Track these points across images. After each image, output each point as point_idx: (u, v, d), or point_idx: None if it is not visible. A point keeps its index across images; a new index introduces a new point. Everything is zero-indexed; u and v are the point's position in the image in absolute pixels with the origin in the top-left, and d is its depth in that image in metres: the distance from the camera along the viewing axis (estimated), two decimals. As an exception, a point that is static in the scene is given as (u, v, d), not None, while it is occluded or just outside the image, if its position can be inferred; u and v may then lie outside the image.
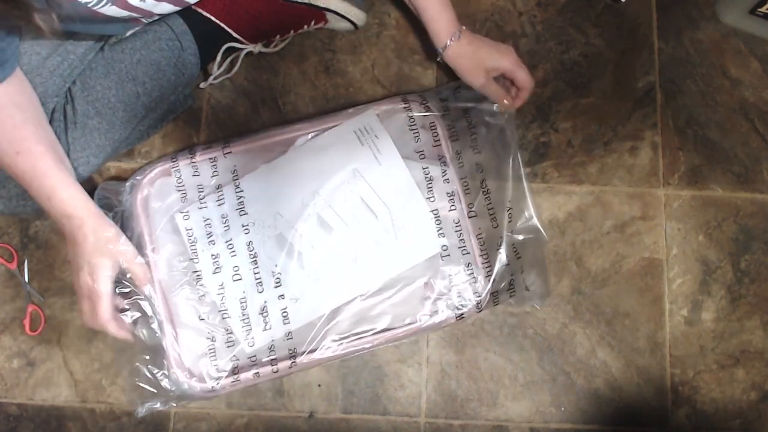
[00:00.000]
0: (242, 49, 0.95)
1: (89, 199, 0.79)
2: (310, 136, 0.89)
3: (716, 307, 0.93)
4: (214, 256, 0.85)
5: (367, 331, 0.84)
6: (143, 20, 0.80)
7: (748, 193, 0.96)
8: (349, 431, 0.90)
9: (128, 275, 0.81)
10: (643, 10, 1.02)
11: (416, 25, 1.02)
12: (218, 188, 0.87)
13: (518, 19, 1.01)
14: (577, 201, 0.96)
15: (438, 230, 0.86)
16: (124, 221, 0.86)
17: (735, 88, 0.99)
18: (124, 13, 0.75)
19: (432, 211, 0.86)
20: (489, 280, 0.86)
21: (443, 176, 0.88)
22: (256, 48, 0.96)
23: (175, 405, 0.84)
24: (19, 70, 0.76)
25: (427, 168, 0.88)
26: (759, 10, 0.96)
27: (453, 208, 0.87)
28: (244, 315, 0.84)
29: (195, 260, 0.85)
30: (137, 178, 0.88)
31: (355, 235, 0.85)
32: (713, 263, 0.94)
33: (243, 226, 0.86)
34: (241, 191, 0.87)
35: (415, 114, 0.90)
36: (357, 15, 0.96)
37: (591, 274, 0.94)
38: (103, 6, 0.71)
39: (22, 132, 0.75)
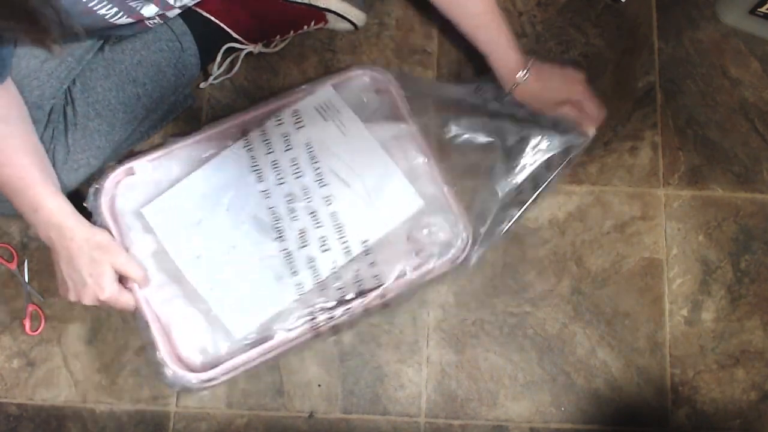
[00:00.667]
0: (242, 50, 0.95)
1: (74, 209, 0.79)
2: (272, 118, 0.89)
3: (716, 307, 0.93)
4: (190, 245, 0.84)
5: (359, 294, 0.84)
6: (150, 24, 0.80)
7: (748, 193, 0.96)
8: (349, 431, 0.90)
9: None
10: (643, 10, 1.02)
11: (416, 25, 1.02)
12: (185, 177, 0.86)
13: (518, 19, 1.02)
14: (577, 201, 0.96)
15: (413, 186, 0.86)
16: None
17: (735, 88, 0.99)
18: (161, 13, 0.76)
19: (402, 169, 0.87)
20: (469, 223, 0.86)
21: (407, 132, 0.88)
22: (256, 48, 0.96)
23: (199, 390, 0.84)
24: (9, 80, 0.76)
25: (391, 126, 0.88)
26: (759, 10, 0.96)
27: (422, 160, 0.87)
28: (229, 300, 0.83)
29: (172, 252, 0.84)
30: (100, 183, 0.86)
31: (332, 206, 0.85)
32: (713, 263, 0.94)
33: (217, 210, 0.85)
34: (208, 178, 0.86)
35: (368, 80, 0.91)
36: (357, 15, 0.97)
37: (591, 274, 0.94)
38: (119, 18, 0.72)
39: (8, 144, 0.75)
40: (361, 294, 0.84)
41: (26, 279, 0.93)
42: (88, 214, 0.83)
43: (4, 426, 0.90)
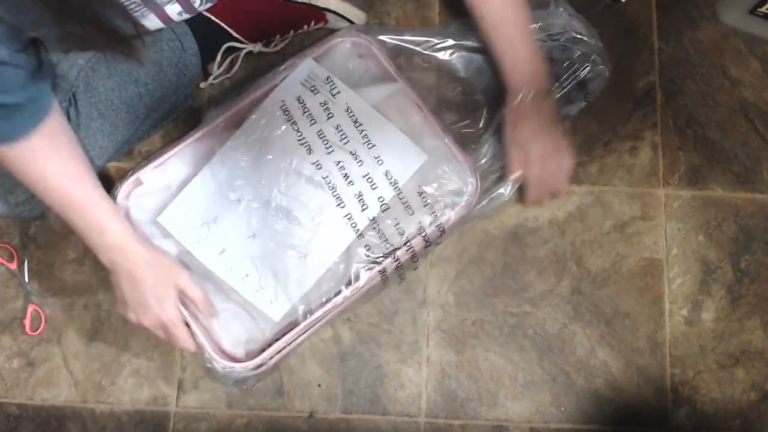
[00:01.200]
0: (242, 49, 0.95)
1: (134, 230, 0.78)
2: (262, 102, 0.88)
3: (716, 307, 0.93)
4: (211, 242, 0.84)
5: (387, 253, 0.84)
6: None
7: (748, 193, 0.96)
8: (349, 431, 0.90)
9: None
10: (643, 10, 1.02)
11: (416, 24, 1.02)
12: (192, 176, 0.86)
13: (518, 19, 1.01)
14: (577, 201, 0.96)
15: (414, 141, 0.86)
16: None
17: (735, 88, 1.00)
18: (160, 25, 0.76)
19: (400, 127, 0.86)
20: (476, 172, 0.86)
21: (398, 90, 0.88)
22: (256, 48, 0.96)
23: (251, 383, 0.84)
24: (54, 106, 0.74)
25: (381, 88, 0.88)
26: (759, 10, 0.96)
27: (418, 115, 0.87)
28: (260, 286, 0.83)
29: (194, 253, 0.84)
30: (112, 197, 0.85)
31: (340, 177, 0.85)
32: (713, 263, 0.94)
33: (230, 204, 0.85)
34: (215, 174, 0.86)
35: (349, 45, 0.90)
36: (357, 15, 0.97)
37: (591, 274, 0.94)
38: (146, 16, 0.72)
39: (71, 165, 0.75)
40: (389, 254, 0.84)
41: (26, 279, 0.93)
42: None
43: (4, 426, 0.90)
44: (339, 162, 0.84)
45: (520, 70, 0.84)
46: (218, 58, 0.95)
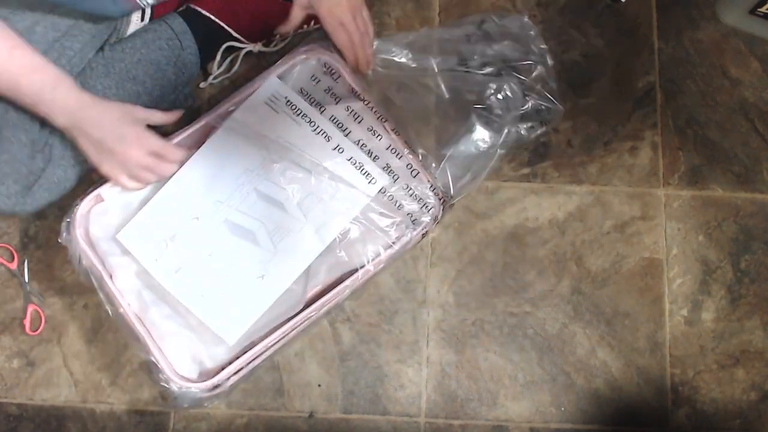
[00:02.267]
0: (242, 49, 0.95)
1: None
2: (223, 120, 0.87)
3: (716, 307, 0.93)
4: (168, 260, 0.83)
5: (345, 275, 0.84)
6: (139, 2, 0.79)
7: (748, 193, 0.96)
8: (349, 431, 0.90)
9: None
10: (643, 10, 1.02)
11: (416, 24, 1.02)
12: (153, 195, 0.85)
13: (518, 19, 1.02)
14: (577, 201, 0.96)
15: (375, 163, 0.86)
16: (72, 260, 0.83)
17: (735, 88, 1.00)
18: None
19: (361, 146, 0.86)
20: (439, 191, 0.86)
21: (362, 108, 0.87)
22: (256, 47, 0.96)
23: (207, 405, 0.83)
24: None
25: (345, 106, 0.87)
26: (759, 10, 0.96)
27: (380, 135, 0.87)
28: (216, 307, 0.82)
29: (152, 269, 0.83)
30: (71, 216, 0.83)
31: (300, 198, 0.84)
32: (713, 263, 0.94)
33: (188, 222, 0.84)
34: (176, 191, 0.85)
35: (315, 63, 0.90)
36: (357, 15, 0.96)
37: (591, 274, 0.94)
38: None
39: (5, 35, 0.72)
40: (340, 281, 0.83)
41: (26, 279, 0.93)
42: (63, 249, 0.82)
43: (4, 426, 0.90)
44: (298, 183, 0.84)
45: None
46: (218, 57, 0.94)
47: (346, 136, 0.86)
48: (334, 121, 0.87)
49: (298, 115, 0.86)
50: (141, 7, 0.81)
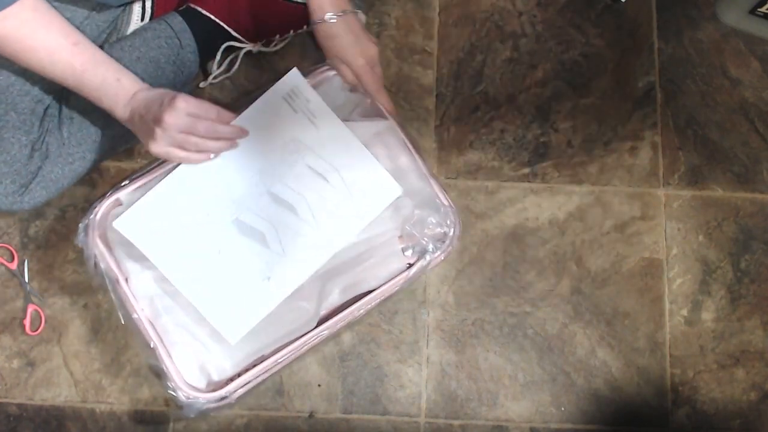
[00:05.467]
0: (242, 49, 0.95)
1: None
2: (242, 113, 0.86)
3: (716, 307, 0.93)
4: (181, 262, 0.82)
5: (358, 297, 0.83)
6: None
7: (748, 193, 0.97)
8: (349, 431, 0.90)
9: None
10: (643, 10, 1.02)
11: (416, 25, 1.02)
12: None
13: (518, 19, 1.02)
14: (577, 201, 0.96)
15: (392, 178, 0.85)
16: (87, 262, 0.83)
17: (735, 88, 1.00)
18: None
19: (380, 159, 0.85)
20: (458, 214, 0.85)
21: (387, 128, 0.87)
22: (256, 47, 0.96)
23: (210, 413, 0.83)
24: None
25: (370, 124, 0.87)
26: (759, 10, 0.96)
27: (406, 155, 0.86)
28: (220, 305, 0.82)
29: (167, 274, 0.82)
30: (89, 218, 0.83)
31: (312, 202, 0.84)
32: (713, 263, 0.95)
33: (200, 223, 0.83)
34: (180, 183, 0.84)
35: (341, 79, 0.90)
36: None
37: (591, 274, 0.94)
38: None
39: (69, 29, 0.74)
40: (354, 302, 0.83)
41: (26, 279, 0.93)
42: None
43: (4, 426, 0.90)
44: (312, 187, 0.84)
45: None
46: (218, 57, 0.94)
47: (366, 147, 0.85)
48: (359, 136, 0.86)
49: (317, 117, 0.85)
50: None
